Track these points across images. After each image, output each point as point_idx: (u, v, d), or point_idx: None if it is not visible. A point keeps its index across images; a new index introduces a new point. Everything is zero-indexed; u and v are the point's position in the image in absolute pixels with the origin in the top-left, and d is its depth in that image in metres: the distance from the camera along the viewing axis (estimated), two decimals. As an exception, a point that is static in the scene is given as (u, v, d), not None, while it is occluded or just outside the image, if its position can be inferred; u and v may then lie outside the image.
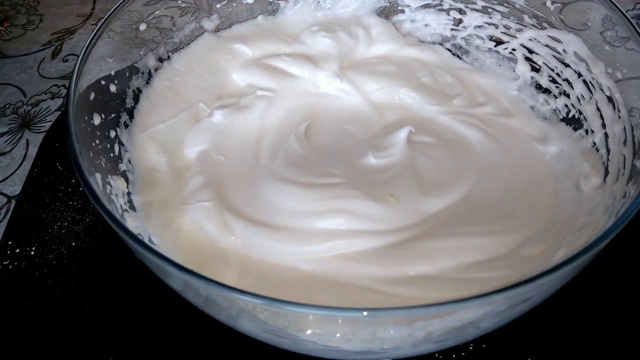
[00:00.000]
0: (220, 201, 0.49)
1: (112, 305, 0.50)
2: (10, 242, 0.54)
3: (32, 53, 0.79)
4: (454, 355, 0.46)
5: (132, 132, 0.52)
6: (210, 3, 0.62)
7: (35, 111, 0.71)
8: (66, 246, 0.54)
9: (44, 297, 0.50)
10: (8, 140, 0.68)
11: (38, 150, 0.64)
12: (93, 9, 0.86)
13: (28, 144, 0.67)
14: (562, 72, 0.56)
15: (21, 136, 0.68)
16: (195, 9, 0.61)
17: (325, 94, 0.60)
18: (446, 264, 0.44)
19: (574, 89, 0.55)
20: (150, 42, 0.56)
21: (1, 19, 0.85)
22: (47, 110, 0.71)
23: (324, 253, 0.45)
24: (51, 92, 0.73)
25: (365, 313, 0.30)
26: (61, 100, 0.72)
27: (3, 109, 0.71)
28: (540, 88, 0.59)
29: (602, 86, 0.51)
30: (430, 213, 0.48)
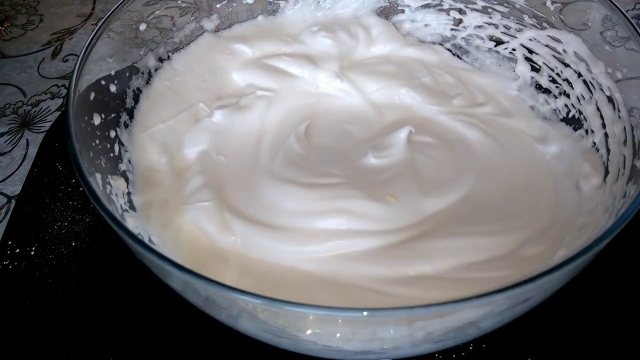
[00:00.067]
0: (220, 201, 0.49)
1: (112, 305, 0.50)
2: (10, 242, 0.54)
3: (32, 53, 0.79)
4: (454, 355, 0.46)
5: (132, 132, 0.52)
6: (210, 3, 0.62)
7: (35, 111, 0.71)
8: (66, 246, 0.54)
9: (44, 297, 0.50)
10: (8, 140, 0.68)
11: (38, 150, 0.64)
12: (93, 9, 0.86)
13: (28, 144, 0.67)
14: (562, 72, 0.56)
15: (21, 136, 0.68)
16: (195, 9, 0.61)
17: (325, 94, 0.60)
18: (446, 264, 0.44)
19: (574, 89, 0.55)
20: (150, 42, 0.56)
21: (1, 19, 0.85)
22: (47, 110, 0.71)
23: (324, 253, 0.45)
24: (51, 92, 0.73)
25: (365, 313, 0.30)
26: (61, 100, 0.72)
27: (3, 109, 0.71)
28: (540, 88, 0.59)
29: (602, 86, 0.51)
30: (430, 213, 0.48)
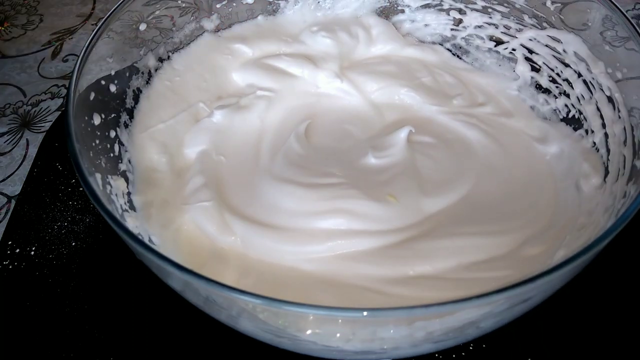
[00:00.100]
0: (220, 201, 0.49)
1: (112, 305, 0.50)
2: (10, 242, 0.54)
3: (32, 53, 0.79)
4: (454, 355, 0.46)
5: (132, 132, 0.52)
6: (210, 3, 0.62)
7: (35, 111, 0.71)
8: (66, 246, 0.54)
9: (44, 297, 0.50)
10: (8, 140, 0.68)
11: (38, 150, 0.64)
12: (93, 9, 0.86)
13: (28, 144, 0.67)
14: (562, 72, 0.56)
15: (21, 136, 0.68)
16: (195, 9, 0.61)
17: (325, 94, 0.60)
18: (446, 264, 0.44)
19: (574, 89, 0.55)
20: (150, 42, 0.56)
21: (1, 19, 0.85)
22: (47, 110, 0.71)
23: (324, 253, 0.45)
24: (51, 92, 0.73)
25: (365, 313, 0.30)
26: (61, 100, 0.72)
27: (3, 109, 0.71)
28: (540, 88, 0.59)
29: (602, 86, 0.51)
30: (430, 213, 0.48)
